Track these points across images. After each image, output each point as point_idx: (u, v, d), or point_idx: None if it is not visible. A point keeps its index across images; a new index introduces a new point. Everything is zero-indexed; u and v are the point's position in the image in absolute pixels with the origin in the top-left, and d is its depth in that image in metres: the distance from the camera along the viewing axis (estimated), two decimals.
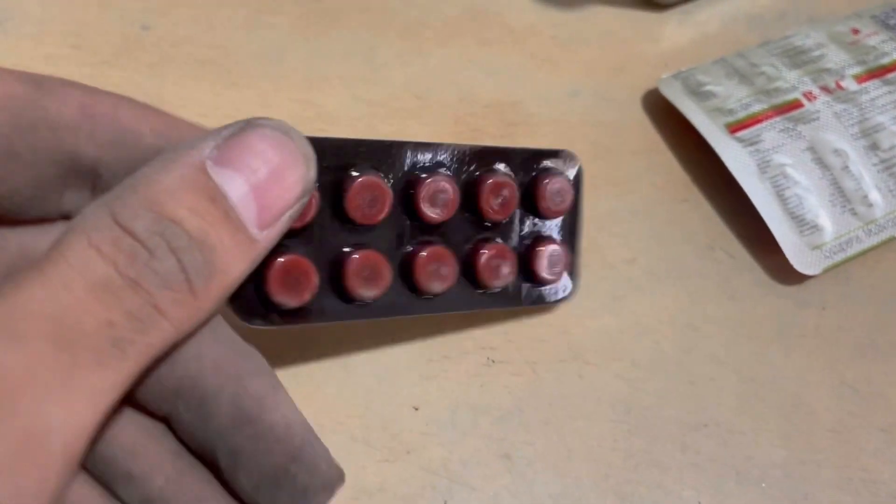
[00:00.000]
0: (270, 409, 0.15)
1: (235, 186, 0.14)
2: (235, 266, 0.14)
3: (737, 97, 0.26)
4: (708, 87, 0.26)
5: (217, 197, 0.14)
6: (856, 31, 0.28)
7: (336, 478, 0.16)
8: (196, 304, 0.14)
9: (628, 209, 0.25)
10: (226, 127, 0.15)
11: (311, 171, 0.15)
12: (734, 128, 0.25)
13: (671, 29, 0.29)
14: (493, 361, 0.22)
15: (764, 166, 0.24)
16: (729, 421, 0.22)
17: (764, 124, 0.25)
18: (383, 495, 0.20)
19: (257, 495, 0.15)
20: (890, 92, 0.26)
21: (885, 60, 0.27)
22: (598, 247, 0.24)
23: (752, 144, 0.25)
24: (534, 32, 0.29)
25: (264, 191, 0.14)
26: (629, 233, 0.24)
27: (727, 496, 0.21)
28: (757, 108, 0.26)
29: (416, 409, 0.21)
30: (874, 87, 0.26)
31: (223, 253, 0.14)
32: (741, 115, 0.25)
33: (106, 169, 0.16)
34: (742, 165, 0.24)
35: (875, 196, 0.24)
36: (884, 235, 0.24)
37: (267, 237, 0.15)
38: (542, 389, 0.22)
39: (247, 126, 0.15)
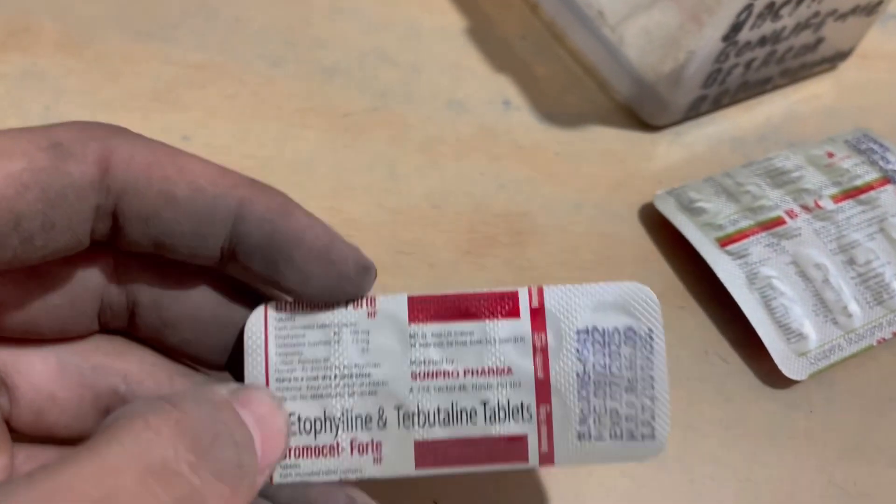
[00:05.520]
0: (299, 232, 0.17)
1: (252, 428, 0.15)
2: (250, 496, 0.14)
3: (725, 213, 0.28)
4: (699, 204, 0.29)
5: (245, 428, 0.15)
6: (831, 155, 0.31)
7: (368, 262, 0.18)
8: None
9: None
10: (232, 383, 0.17)
11: (287, 443, 0.17)
12: (724, 242, 0.28)
13: (663, 148, 0.32)
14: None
15: (752, 278, 0.27)
16: None
17: (751, 239, 0.28)
18: None
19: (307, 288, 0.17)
20: (863, 211, 0.29)
21: (858, 182, 0.30)
22: None
23: (740, 258, 0.27)
24: (539, 150, 0.31)
25: (265, 440, 0.15)
26: None
27: None
28: (744, 224, 0.28)
29: None
30: (849, 207, 0.29)
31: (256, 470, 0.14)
32: (730, 230, 0.28)
33: (124, 217, 0.16)
34: (733, 277, 0.27)
35: (854, 307, 0.27)
36: (863, 344, 0.26)
37: (259, 482, 0.15)
38: (554, 488, 0.23)
39: (246, 387, 0.16)
